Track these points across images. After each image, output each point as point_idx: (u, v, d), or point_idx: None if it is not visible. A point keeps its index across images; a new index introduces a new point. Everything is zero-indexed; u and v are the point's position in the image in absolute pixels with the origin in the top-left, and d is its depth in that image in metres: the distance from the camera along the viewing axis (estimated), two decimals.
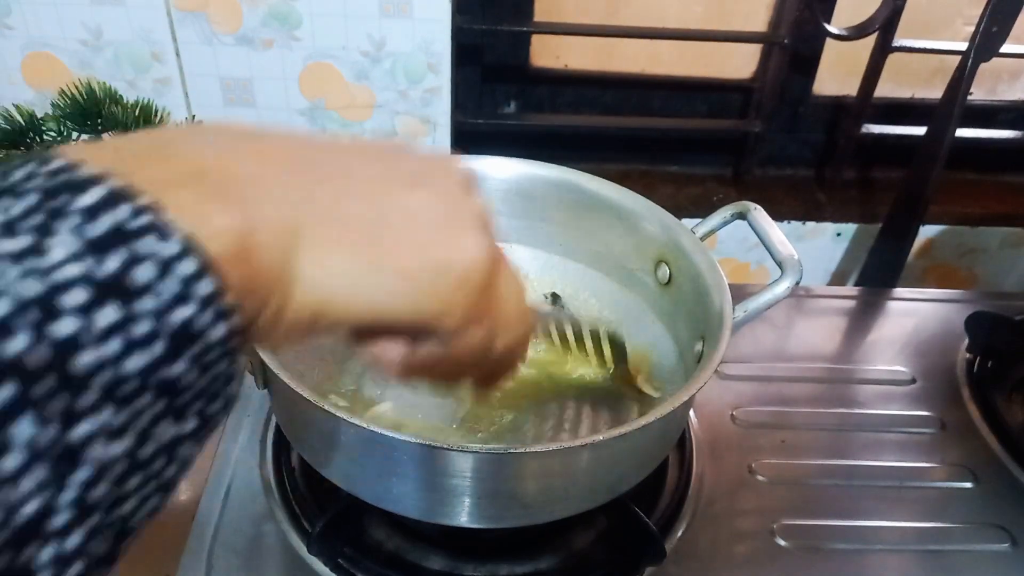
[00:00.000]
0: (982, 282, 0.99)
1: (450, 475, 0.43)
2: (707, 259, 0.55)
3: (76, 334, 0.18)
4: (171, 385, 0.20)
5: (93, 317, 0.18)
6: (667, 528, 0.56)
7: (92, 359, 0.18)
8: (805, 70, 0.93)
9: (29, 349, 0.17)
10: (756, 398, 0.69)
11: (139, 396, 0.20)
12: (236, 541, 0.53)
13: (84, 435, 0.18)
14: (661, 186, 0.98)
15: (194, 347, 0.20)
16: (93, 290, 0.18)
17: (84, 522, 0.19)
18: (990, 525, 0.59)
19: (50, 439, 0.18)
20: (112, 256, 0.19)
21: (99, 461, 0.19)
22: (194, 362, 0.20)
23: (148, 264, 0.19)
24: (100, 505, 0.20)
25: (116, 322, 0.19)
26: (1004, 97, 0.99)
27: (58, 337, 0.18)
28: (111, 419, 0.19)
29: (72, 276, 0.18)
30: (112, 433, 0.19)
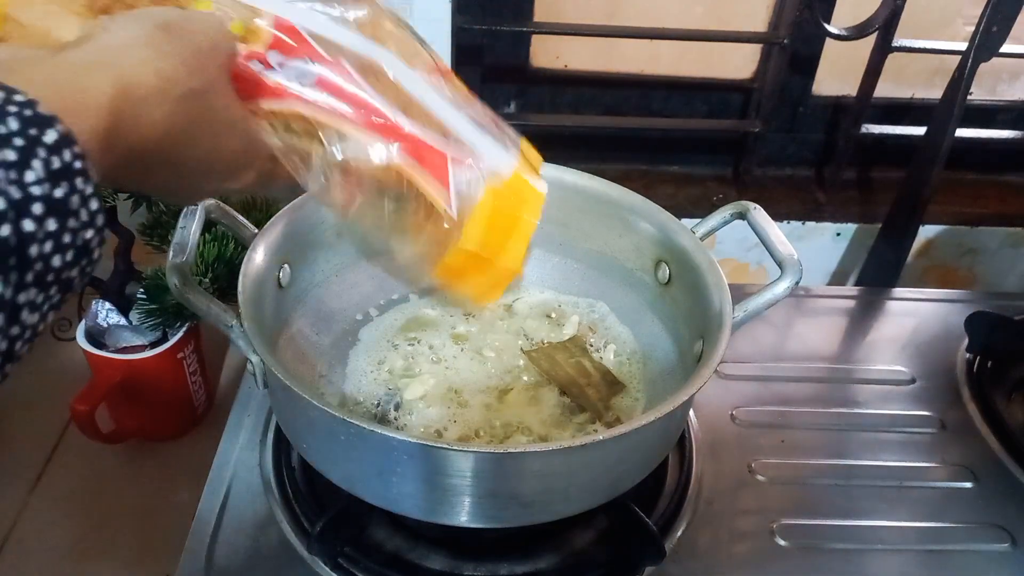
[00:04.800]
0: (982, 282, 0.99)
1: (450, 475, 0.43)
2: (707, 259, 0.55)
3: (32, 232, 0.25)
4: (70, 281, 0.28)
5: (43, 224, 0.26)
6: (667, 528, 0.56)
7: (35, 251, 0.26)
8: (805, 70, 0.93)
9: (8, 235, 0.25)
10: (756, 398, 0.69)
11: (54, 287, 0.27)
12: (236, 541, 0.53)
13: (22, 302, 0.26)
14: (661, 186, 0.98)
15: (92, 253, 0.28)
16: (46, 207, 0.26)
17: None
18: (990, 525, 0.59)
19: (7, 298, 0.25)
20: (60, 188, 0.26)
21: None
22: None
23: (77, 197, 0.27)
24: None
25: (54, 231, 0.26)
26: (1004, 97, 0.99)
27: (23, 232, 0.25)
28: (36, 296, 0.26)
29: (37, 194, 0.25)
30: (34, 308, 0.26)
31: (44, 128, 0.26)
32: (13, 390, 0.75)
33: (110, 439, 0.67)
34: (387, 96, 0.46)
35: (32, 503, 0.67)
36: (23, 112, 0.26)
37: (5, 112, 0.25)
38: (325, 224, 0.59)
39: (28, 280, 0.26)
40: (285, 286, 0.56)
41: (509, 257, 0.51)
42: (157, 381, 0.68)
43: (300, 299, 0.58)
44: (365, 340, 0.61)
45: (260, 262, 0.52)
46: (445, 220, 0.47)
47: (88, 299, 0.70)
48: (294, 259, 0.56)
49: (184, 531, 0.54)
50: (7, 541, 0.64)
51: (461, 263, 0.49)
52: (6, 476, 0.69)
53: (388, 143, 0.45)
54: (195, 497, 0.56)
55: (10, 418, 0.74)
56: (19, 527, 0.65)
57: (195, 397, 0.73)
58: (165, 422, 0.73)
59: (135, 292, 0.67)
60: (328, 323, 0.61)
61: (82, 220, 0.27)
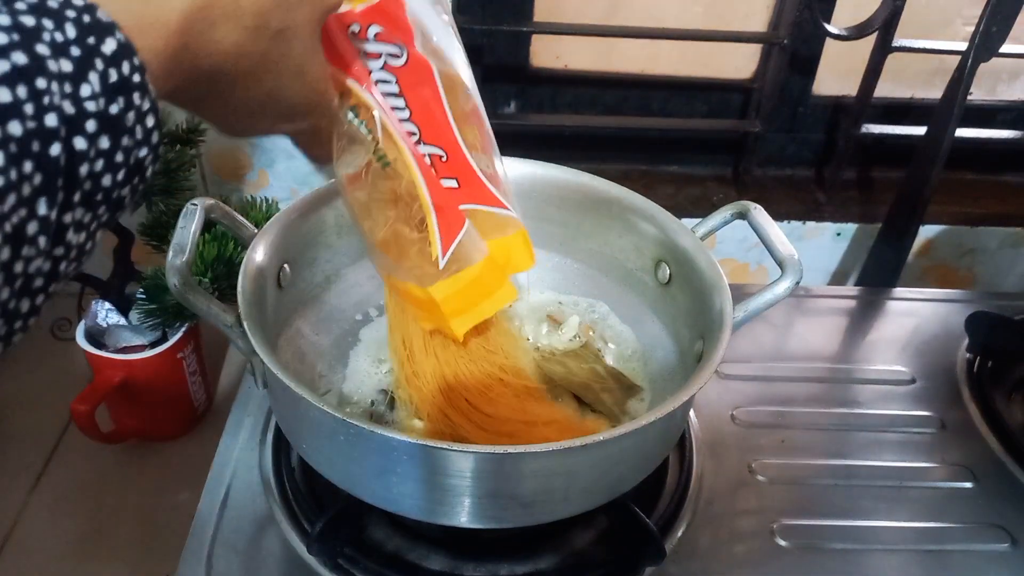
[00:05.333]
0: (982, 282, 0.99)
1: (450, 475, 0.43)
2: (707, 259, 0.55)
3: (84, 151, 0.24)
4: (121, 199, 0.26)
5: (96, 142, 0.24)
6: (667, 528, 0.56)
7: (85, 171, 0.24)
8: (805, 70, 0.93)
9: (58, 155, 0.23)
10: (756, 398, 0.69)
11: (103, 206, 0.26)
12: (236, 541, 0.53)
13: (67, 222, 0.24)
14: (661, 186, 0.98)
15: (144, 171, 0.27)
16: (100, 124, 0.24)
17: None
18: (990, 525, 0.59)
19: (52, 220, 0.23)
20: (116, 103, 0.24)
21: None
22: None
23: (133, 113, 0.25)
24: None
25: (107, 149, 0.24)
26: (1004, 97, 0.99)
27: (74, 150, 0.23)
28: (82, 216, 0.25)
29: (92, 110, 0.24)
30: (80, 227, 0.25)
31: (103, 36, 0.24)
32: (13, 390, 0.75)
33: (110, 439, 0.67)
34: (455, 116, 0.46)
35: (32, 503, 0.67)
36: (81, 18, 0.24)
37: (62, 17, 0.23)
38: (325, 224, 0.59)
39: (75, 200, 0.24)
40: (285, 286, 0.56)
41: (460, 322, 0.51)
42: (157, 381, 0.68)
43: (300, 299, 0.58)
44: (365, 340, 0.61)
45: (260, 262, 0.52)
46: (432, 262, 0.47)
47: (88, 299, 0.70)
48: (294, 259, 0.56)
49: (184, 531, 0.54)
50: (7, 541, 0.64)
51: (419, 296, 0.50)
52: (6, 476, 0.69)
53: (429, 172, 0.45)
54: (195, 497, 0.56)
55: (10, 418, 0.74)
56: (19, 527, 0.65)
57: (195, 397, 0.73)
58: (165, 422, 0.73)
59: (135, 292, 0.67)
60: (328, 323, 0.61)
61: (136, 138, 0.26)
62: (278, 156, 0.88)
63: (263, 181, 0.89)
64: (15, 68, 0.22)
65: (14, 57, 0.22)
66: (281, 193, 0.89)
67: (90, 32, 0.24)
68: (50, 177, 0.23)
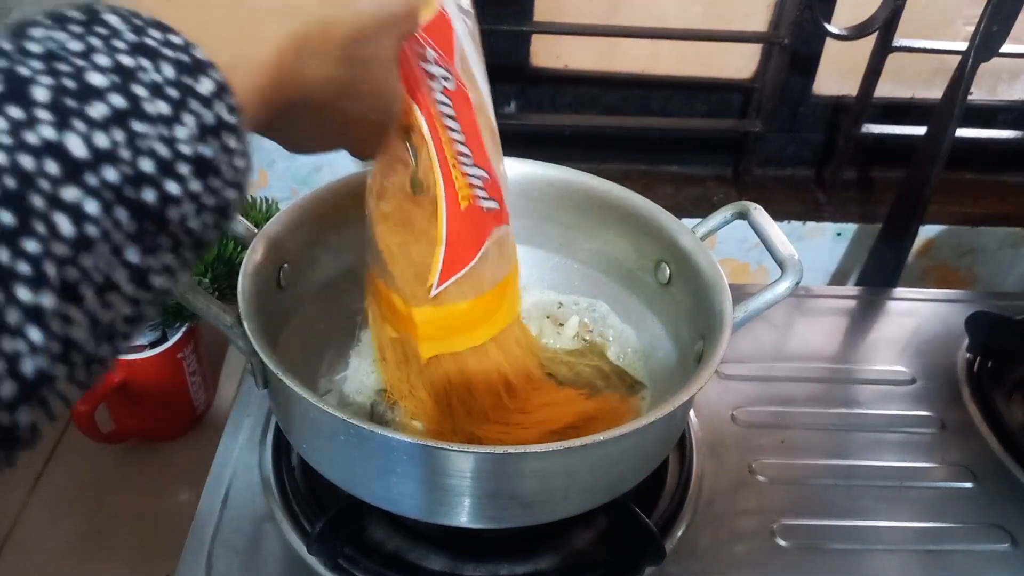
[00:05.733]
0: (982, 282, 0.99)
1: (450, 475, 0.43)
2: (707, 259, 0.55)
3: (176, 195, 0.23)
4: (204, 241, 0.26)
5: (188, 185, 0.23)
6: (667, 528, 0.56)
7: (175, 215, 0.24)
8: (805, 70, 0.93)
9: (152, 200, 0.23)
10: (756, 398, 0.68)
11: (188, 248, 0.25)
12: (236, 541, 0.53)
13: (153, 267, 0.23)
14: (661, 186, 0.98)
15: (229, 211, 0.26)
16: (193, 167, 0.23)
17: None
18: (990, 525, 0.59)
19: (140, 266, 0.23)
20: (209, 145, 0.24)
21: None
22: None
23: (225, 155, 0.25)
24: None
25: (197, 192, 0.24)
26: (1004, 97, 0.99)
27: (167, 194, 0.23)
28: (168, 259, 0.24)
29: (186, 153, 0.23)
30: (164, 270, 0.24)
31: (199, 76, 0.24)
32: None
33: (110, 439, 0.67)
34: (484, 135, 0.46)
35: (31, 503, 0.67)
36: (179, 57, 0.23)
37: (160, 56, 0.23)
38: (325, 224, 0.59)
39: (163, 245, 0.24)
40: (285, 286, 0.56)
41: (429, 347, 0.50)
42: (157, 381, 0.68)
43: (300, 299, 0.58)
44: (365, 340, 0.61)
45: (260, 262, 0.52)
46: (425, 288, 0.47)
47: None
48: (294, 259, 0.56)
49: (184, 531, 0.54)
50: (7, 541, 0.64)
51: (399, 309, 0.49)
52: (6, 476, 0.69)
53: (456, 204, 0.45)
54: (195, 497, 0.56)
55: None
56: (18, 527, 0.65)
57: (195, 397, 0.73)
58: (165, 422, 0.73)
59: None
60: (328, 323, 0.61)
61: (226, 179, 0.25)
62: (278, 156, 0.88)
63: (263, 181, 0.89)
64: (114, 111, 0.21)
65: (112, 100, 0.22)
66: (281, 193, 0.89)
67: (187, 72, 0.23)
68: (142, 224, 0.22)
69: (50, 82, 0.21)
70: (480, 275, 0.48)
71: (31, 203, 0.19)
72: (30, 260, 0.19)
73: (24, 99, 0.20)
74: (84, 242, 0.20)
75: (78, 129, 0.21)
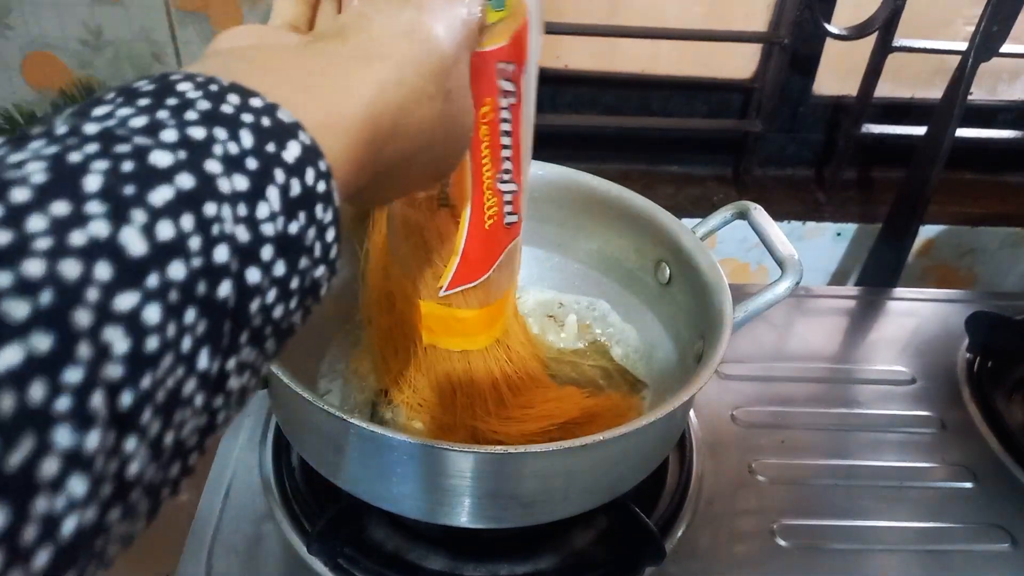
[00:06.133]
0: (982, 282, 0.99)
1: (450, 475, 0.43)
2: (707, 259, 0.55)
3: (257, 284, 0.20)
4: (291, 328, 0.23)
5: (271, 270, 0.20)
6: (667, 528, 0.56)
7: (256, 306, 0.20)
8: (805, 70, 0.93)
9: (228, 295, 0.19)
10: (756, 398, 0.69)
11: (271, 339, 0.22)
12: (236, 541, 0.53)
13: (229, 369, 0.20)
14: (661, 186, 0.98)
15: (319, 292, 0.23)
16: (277, 248, 0.20)
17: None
18: (990, 525, 0.59)
19: (214, 372, 0.19)
20: (296, 221, 0.21)
21: (235, 391, 0.21)
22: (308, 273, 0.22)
23: (314, 229, 0.21)
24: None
25: (282, 276, 0.21)
26: (1004, 97, 0.99)
27: (246, 285, 0.19)
28: (248, 356, 0.21)
29: (269, 234, 0.20)
30: (243, 369, 0.21)
31: (284, 141, 0.20)
32: None
33: None
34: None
35: None
36: (259, 122, 0.20)
37: (237, 123, 0.20)
38: None
39: (241, 341, 0.20)
40: None
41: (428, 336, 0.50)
42: None
43: None
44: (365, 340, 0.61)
45: None
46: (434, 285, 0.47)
47: None
48: None
49: (184, 531, 0.54)
50: None
51: (406, 291, 0.49)
52: None
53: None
54: (195, 497, 0.56)
55: None
56: None
57: None
58: None
59: None
60: (328, 323, 0.61)
61: (315, 256, 0.22)
62: None
63: None
64: (180, 195, 0.18)
65: (179, 181, 0.18)
66: None
67: (270, 137, 0.20)
68: (216, 323, 0.19)
69: (105, 167, 0.17)
70: (489, 288, 0.48)
71: (74, 321, 0.16)
72: (72, 393, 0.15)
73: (72, 191, 0.17)
74: (143, 358, 0.17)
75: (136, 221, 0.17)
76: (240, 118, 0.20)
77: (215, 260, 0.18)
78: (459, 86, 0.30)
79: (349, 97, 0.24)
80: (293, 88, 0.22)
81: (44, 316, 0.15)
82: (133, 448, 0.17)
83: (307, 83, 0.23)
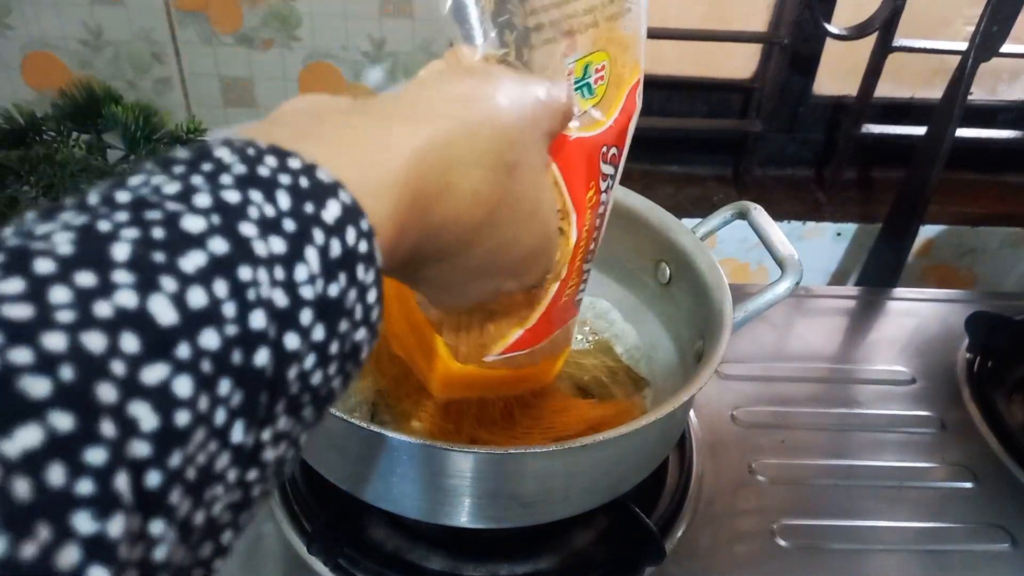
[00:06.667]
0: (982, 282, 0.99)
1: (450, 475, 0.43)
2: (707, 259, 0.55)
3: (296, 351, 0.19)
4: (331, 394, 0.22)
5: (310, 335, 0.19)
6: (667, 528, 0.56)
7: (294, 374, 0.19)
8: (805, 70, 0.93)
9: (265, 363, 0.18)
10: (756, 398, 0.68)
11: (310, 406, 0.20)
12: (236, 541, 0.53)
13: (264, 441, 0.19)
14: (661, 186, 0.98)
15: (359, 356, 0.22)
16: (316, 312, 0.19)
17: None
18: (990, 525, 0.59)
19: (249, 445, 0.18)
20: (336, 282, 0.20)
21: (268, 462, 0.20)
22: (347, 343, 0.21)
23: (355, 291, 0.20)
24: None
25: (321, 341, 0.19)
26: (1004, 97, 0.99)
27: (284, 352, 0.18)
28: (286, 426, 0.20)
29: (308, 297, 0.19)
30: (280, 439, 0.20)
31: (324, 200, 0.20)
32: None
33: None
34: None
35: None
36: (298, 182, 0.19)
37: (274, 184, 0.19)
38: None
39: (278, 411, 0.19)
40: None
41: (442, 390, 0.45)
42: None
43: None
44: None
45: None
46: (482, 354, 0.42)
47: None
48: None
49: None
50: None
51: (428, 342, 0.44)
52: None
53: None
54: None
55: None
56: None
57: None
58: None
59: None
60: None
61: (355, 319, 0.21)
62: None
63: None
64: (213, 260, 0.17)
65: (212, 246, 0.17)
66: None
67: (308, 198, 0.19)
68: (252, 393, 0.18)
69: (134, 235, 0.16)
70: (531, 356, 0.44)
71: (98, 397, 0.15)
72: (94, 476, 0.14)
73: (99, 261, 0.16)
74: (172, 434, 0.16)
75: (166, 289, 0.16)
76: (277, 179, 0.19)
77: (251, 327, 0.17)
78: (527, 164, 0.28)
79: (390, 152, 0.23)
80: (334, 147, 0.22)
81: (65, 393, 0.14)
82: (161, 531, 0.16)
83: (347, 140, 0.22)
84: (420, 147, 0.23)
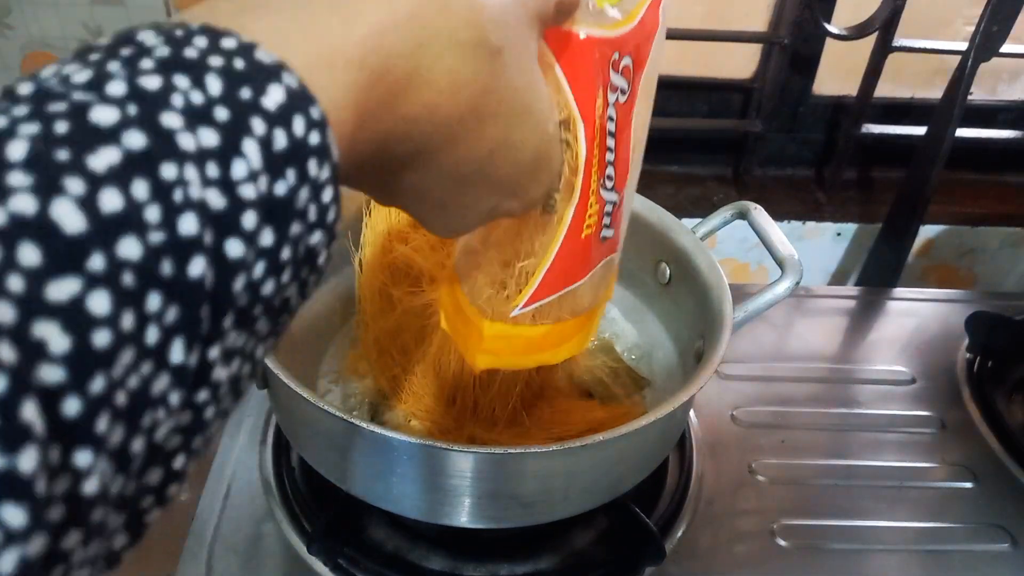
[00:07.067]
0: (982, 282, 0.99)
1: (450, 475, 0.43)
2: (707, 259, 0.55)
3: (240, 258, 0.17)
4: (286, 303, 0.19)
5: (256, 241, 0.17)
6: (667, 528, 0.56)
7: (241, 284, 0.17)
8: (805, 70, 0.93)
9: (202, 273, 0.16)
10: (756, 398, 0.68)
11: (262, 318, 0.18)
12: (236, 541, 0.53)
13: (212, 359, 0.17)
14: (661, 186, 0.98)
15: (316, 261, 0.20)
16: (261, 214, 0.17)
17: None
18: (990, 525, 0.59)
19: (192, 365, 0.16)
20: (283, 179, 0.17)
21: (215, 384, 0.18)
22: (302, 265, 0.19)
23: (307, 189, 0.18)
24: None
25: (270, 246, 0.17)
26: (1004, 97, 0.99)
27: (226, 260, 0.16)
28: (237, 341, 0.18)
29: (250, 197, 0.17)
30: (231, 356, 0.18)
31: (263, 84, 0.17)
32: None
33: None
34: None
35: None
36: (231, 64, 0.17)
37: (202, 67, 0.16)
38: None
39: (225, 326, 0.17)
40: None
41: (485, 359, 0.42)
42: None
43: None
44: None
45: None
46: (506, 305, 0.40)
47: None
48: None
49: (184, 531, 0.54)
50: None
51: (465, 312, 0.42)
52: None
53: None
54: (195, 497, 0.56)
55: None
56: None
57: None
58: None
59: None
60: (329, 322, 0.61)
61: (309, 221, 0.18)
62: None
63: None
64: (129, 157, 0.15)
65: (127, 140, 0.15)
66: None
67: (244, 82, 0.17)
68: (190, 308, 0.16)
69: (33, 130, 0.14)
70: (567, 303, 0.41)
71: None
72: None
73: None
74: (91, 357, 0.14)
75: (72, 191, 0.14)
76: (206, 62, 0.17)
77: (181, 233, 0.15)
78: (515, 51, 0.24)
79: (347, 28, 0.19)
80: (279, 24, 0.19)
81: None
82: (88, 462, 0.14)
83: (296, 16, 0.19)
84: (379, 20, 0.20)
